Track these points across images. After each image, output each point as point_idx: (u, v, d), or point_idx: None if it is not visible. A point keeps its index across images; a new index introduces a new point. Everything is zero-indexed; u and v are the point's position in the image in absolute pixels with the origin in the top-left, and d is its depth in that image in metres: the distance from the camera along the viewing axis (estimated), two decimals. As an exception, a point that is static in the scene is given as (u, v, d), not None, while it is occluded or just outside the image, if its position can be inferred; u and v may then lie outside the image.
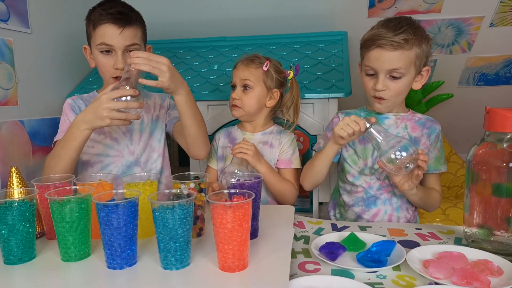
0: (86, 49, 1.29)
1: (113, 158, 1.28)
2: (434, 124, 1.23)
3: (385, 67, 1.11)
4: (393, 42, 1.09)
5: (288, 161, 1.34)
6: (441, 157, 1.22)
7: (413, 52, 1.11)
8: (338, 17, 1.94)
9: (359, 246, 0.88)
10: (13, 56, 1.42)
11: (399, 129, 1.22)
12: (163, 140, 1.36)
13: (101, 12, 1.18)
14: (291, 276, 0.75)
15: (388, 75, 1.13)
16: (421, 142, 1.21)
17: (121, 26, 1.18)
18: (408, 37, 1.09)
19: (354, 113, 1.29)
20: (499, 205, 0.85)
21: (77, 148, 1.07)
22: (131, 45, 1.21)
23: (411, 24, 1.12)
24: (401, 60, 1.10)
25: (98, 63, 1.24)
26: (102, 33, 1.18)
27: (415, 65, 1.13)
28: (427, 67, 1.17)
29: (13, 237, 0.80)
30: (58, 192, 0.84)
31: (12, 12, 1.41)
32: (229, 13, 1.99)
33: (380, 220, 1.22)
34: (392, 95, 1.15)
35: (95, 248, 0.85)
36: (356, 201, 1.25)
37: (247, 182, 0.90)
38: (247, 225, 0.74)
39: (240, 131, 1.42)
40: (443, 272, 0.74)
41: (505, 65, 2.12)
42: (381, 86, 1.13)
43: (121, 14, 1.19)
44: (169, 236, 0.74)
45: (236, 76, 1.35)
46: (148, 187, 0.93)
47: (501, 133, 0.84)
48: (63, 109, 1.29)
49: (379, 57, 1.11)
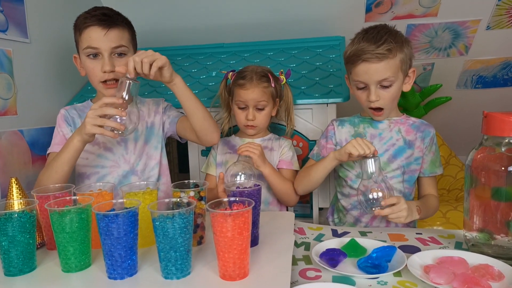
0: (76, 58, 1.27)
1: (109, 168, 1.27)
2: (428, 127, 1.24)
3: (375, 78, 1.13)
4: (378, 54, 1.10)
5: (289, 163, 1.37)
6: (436, 160, 1.23)
7: (398, 58, 1.13)
8: (335, 22, 1.95)
9: (359, 252, 0.88)
10: (12, 66, 1.42)
11: (392, 133, 1.23)
12: (160, 147, 1.35)
13: (86, 15, 1.18)
14: (292, 283, 0.75)
15: (378, 85, 1.15)
16: (416, 146, 1.22)
17: (106, 27, 1.16)
18: (391, 46, 1.11)
19: (348, 120, 1.31)
20: (499, 209, 0.85)
21: (69, 160, 1.07)
22: (118, 47, 1.19)
23: (389, 32, 1.14)
24: (388, 69, 1.12)
25: (87, 69, 1.22)
26: (87, 36, 1.17)
27: (402, 69, 1.15)
28: (413, 68, 1.20)
29: (14, 248, 0.80)
30: (58, 203, 0.84)
31: (11, 22, 1.42)
32: (227, 20, 2.00)
33: (379, 222, 1.22)
34: (386, 103, 1.17)
35: (95, 258, 0.85)
36: (354, 204, 1.26)
37: (246, 190, 0.90)
38: (248, 233, 0.74)
39: (239, 138, 1.43)
40: (444, 278, 0.74)
41: (503, 67, 2.13)
42: (374, 97, 1.15)
43: (106, 16, 1.18)
44: (170, 245, 0.74)
45: (248, 97, 1.33)
46: (148, 195, 0.93)
47: (499, 137, 0.85)
48: (57, 120, 1.29)
49: (367, 70, 1.13)
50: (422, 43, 2.04)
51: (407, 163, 1.21)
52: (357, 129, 1.27)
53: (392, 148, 1.22)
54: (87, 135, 1.03)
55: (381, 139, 1.23)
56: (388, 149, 1.22)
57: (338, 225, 1.32)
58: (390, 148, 1.22)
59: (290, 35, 1.97)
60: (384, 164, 1.20)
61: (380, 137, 1.24)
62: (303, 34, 1.96)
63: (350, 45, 1.18)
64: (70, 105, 1.34)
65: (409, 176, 1.22)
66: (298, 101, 1.55)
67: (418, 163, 1.22)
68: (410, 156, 1.21)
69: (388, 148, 1.22)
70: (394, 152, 1.22)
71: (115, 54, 1.20)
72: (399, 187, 1.22)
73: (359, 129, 1.27)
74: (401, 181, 1.22)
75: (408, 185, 1.23)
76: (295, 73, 1.71)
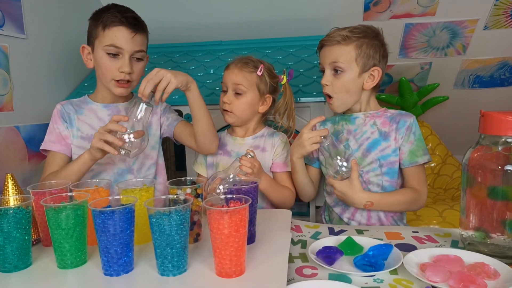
0: (85, 48, 1.27)
1: (104, 165, 1.27)
2: (405, 117, 1.22)
3: (327, 60, 1.22)
4: (331, 38, 1.21)
5: (283, 164, 1.33)
6: (417, 149, 1.20)
7: (352, 48, 1.19)
8: (333, 20, 1.94)
9: (356, 250, 0.88)
10: (8, 62, 1.41)
11: (367, 127, 1.24)
12: (157, 147, 1.35)
13: (116, 14, 1.19)
14: (289, 281, 0.75)
15: (332, 70, 1.21)
16: (392, 137, 1.21)
17: (134, 31, 1.20)
18: (347, 35, 1.18)
19: (330, 119, 1.34)
20: (495, 207, 0.85)
21: (76, 171, 1.12)
22: (139, 52, 1.23)
23: (358, 28, 1.21)
24: (340, 55, 1.19)
25: (102, 65, 1.22)
26: (113, 35, 1.18)
27: (356, 61, 1.19)
28: (376, 67, 1.21)
29: (9, 244, 0.79)
30: (54, 199, 0.84)
31: (7, 18, 1.41)
32: (225, 17, 2.00)
33: (360, 217, 1.23)
34: (336, 91, 1.22)
35: (91, 255, 0.85)
36: (336, 201, 1.27)
37: (243, 187, 0.89)
38: (244, 230, 0.74)
39: (230, 137, 1.40)
40: (440, 276, 0.74)
41: (500, 67, 2.14)
42: (324, 81, 1.22)
43: (136, 20, 1.22)
44: (166, 242, 0.74)
45: (228, 79, 1.31)
46: (145, 192, 0.93)
47: (496, 136, 0.85)
48: (53, 115, 1.28)
49: (323, 53, 1.24)
50: (420, 43, 2.04)
51: (383, 156, 1.21)
52: (336, 126, 1.30)
53: (366, 142, 1.23)
54: (93, 149, 1.07)
55: (355, 135, 1.25)
56: (362, 143, 1.24)
57: (328, 222, 1.33)
58: (364, 142, 1.23)
59: (288, 33, 1.97)
60: (359, 159, 1.22)
61: (355, 132, 1.25)
62: (301, 32, 1.96)
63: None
64: (66, 100, 1.33)
65: (388, 168, 1.21)
66: (296, 99, 1.55)
67: (397, 154, 1.20)
68: (387, 148, 1.21)
69: (362, 143, 1.24)
70: (368, 145, 1.23)
71: (134, 58, 1.22)
72: (376, 180, 1.22)
73: (338, 126, 1.29)
74: (379, 173, 1.21)
75: (389, 177, 1.21)
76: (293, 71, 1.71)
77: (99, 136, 1.05)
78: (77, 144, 1.26)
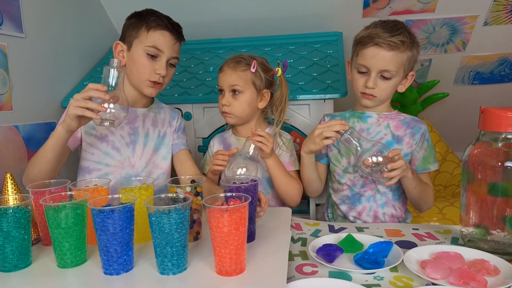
0: (118, 45, 1.27)
1: (112, 168, 1.25)
2: (419, 123, 1.23)
3: (379, 66, 1.14)
4: (390, 42, 1.12)
5: (289, 163, 1.34)
6: (429, 156, 1.22)
7: (406, 55, 1.14)
8: (333, 17, 1.94)
9: (356, 247, 0.88)
10: (7, 61, 1.41)
11: (380, 127, 1.23)
12: (169, 158, 1.34)
13: (162, 19, 1.24)
14: (289, 279, 0.75)
15: (379, 75, 1.15)
16: (405, 141, 1.21)
17: (176, 39, 1.26)
18: (404, 40, 1.12)
19: (339, 115, 1.31)
20: (495, 204, 0.85)
21: (52, 147, 1.07)
22: (175, 58, 1.27)
23: (406, 28, 1.16)
24: (394, 61, 1.13)
25: (140, 64, 1.23)
26: (157, 37, 1.21)
27: (404, 68, 1.16)
28: (413, 72, 1.21)
29: (9, 244, 0.79)
30: (54, 198, 0.84)
31: (6, 17, 1.40)
32: (224, 15, 1.99)
33: (366, 216, 1.23)
34: (381, 93, 1.18)
35: (91, 254, 0.85)
36: (343, 199, 1.27)
37: (243, 185, 0.89)
38: (244, 228, 0.74)
39: (234, 137, 1.40)
40: (440, 273, 0.74)
41: (500, 63, 2.13)
42: (372, 84, 1.16)
43: (179, 28, 1.28)
44: (166, 241, 0.74)
45: (223, 81, 1.31)
46: (144, 191, 0.93)
47: (496, 132, 0.85)
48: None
49: (375, 55, 1.14)
50: (420, 39, 2.02)
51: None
52: (347, 123, 1.27)
53: None
54: (69, 117, 1.01)
55: (368, 134, 1.24)
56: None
57: (332, 220, 1.33)
58: None
59: (288, 31, 1.96)
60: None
61: (368, 131, 1.24)
62: (300, 30, 1.95)
63: (363, 29, 1.19)
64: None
65: None
66: (295, 96, 1.54)
67: (407, 159, 1.21)
68: None
69: None
70: None
71: (169, 62, 1.26)
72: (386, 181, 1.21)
73: (348, 123, 1.27)
74: None
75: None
76: (293, 69, 1.70)
77: (77, 104, 0.99)
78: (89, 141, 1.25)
